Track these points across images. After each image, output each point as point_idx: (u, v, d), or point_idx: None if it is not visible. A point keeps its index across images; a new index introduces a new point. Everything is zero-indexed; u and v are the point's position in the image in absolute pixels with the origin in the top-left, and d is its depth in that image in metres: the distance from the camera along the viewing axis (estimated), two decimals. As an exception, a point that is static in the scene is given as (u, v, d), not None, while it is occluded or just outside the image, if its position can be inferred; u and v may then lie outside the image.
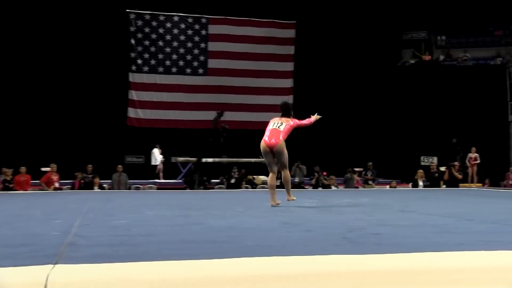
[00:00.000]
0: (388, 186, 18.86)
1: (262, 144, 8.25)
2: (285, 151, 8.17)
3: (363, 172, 19.05)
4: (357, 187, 18.47)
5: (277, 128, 8.27)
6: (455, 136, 22.46)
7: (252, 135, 23.05)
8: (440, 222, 5.99)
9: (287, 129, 8.28)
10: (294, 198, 8.47)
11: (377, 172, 19.40)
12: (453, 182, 17.16)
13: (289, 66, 23.74)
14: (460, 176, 17.42)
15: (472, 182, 18.67)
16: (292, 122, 8.38)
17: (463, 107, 23.87)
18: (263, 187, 18.25)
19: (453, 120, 23.83)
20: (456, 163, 18.12)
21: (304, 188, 18.11)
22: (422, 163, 21.96)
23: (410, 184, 17.51)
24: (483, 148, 20.93)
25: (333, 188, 17.50)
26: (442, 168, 18.47)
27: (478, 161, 18.56)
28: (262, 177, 19.98)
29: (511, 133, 24.11)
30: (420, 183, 16.74)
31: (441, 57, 27.73)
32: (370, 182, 18.78)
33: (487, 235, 4.91)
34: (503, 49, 28.03)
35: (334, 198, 10.82)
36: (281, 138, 8.16)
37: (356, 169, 20.91)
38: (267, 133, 8.30)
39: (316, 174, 18.46)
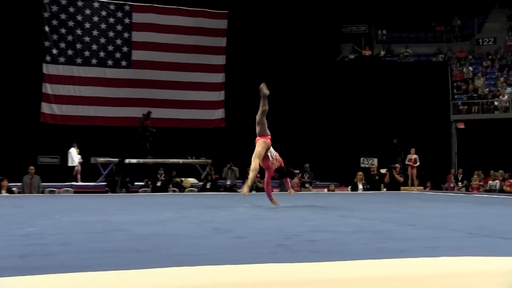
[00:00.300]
0: (326, 190, 19.11)
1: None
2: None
3: (300, 175, 19.20)
4: (297, 191, 18.64)
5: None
6: (396, 137, 23.07)
7: (181, 133, 23.15)
8: (381, 227, 6.11)
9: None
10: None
11: (314, 174, 19.75)
12: (394, 185, 17.48)
13: (220, 60, 23.75)
14: (401, 179, 17.76)
15: (412, 185, 19.18)
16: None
17: (405, 106, 24.50)
18: (191, 191, 18.16)
19: (394, 119, 24.41)
20: (397, 165, 18.56)
21: (237, 192, 18.19)
22: (362, 165, 22.43)
23: (349, 187, 17.79)
24: (425, 149, 21.53)
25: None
26: (383, 171, 18.83)
27: (418, 163, 19.09)
28: (191, 180, 19.96)
29: (453, 133, 25.00)
30: (360, 186, 17.00)
31: (382, 53, 28.51)
32: (307, 185, 19.11)
33: (430, 240, 5.02)
34: (444, 46, 29.16)
35: (269, 202, 10.84)
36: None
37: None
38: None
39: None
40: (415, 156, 19.10)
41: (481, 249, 4.53)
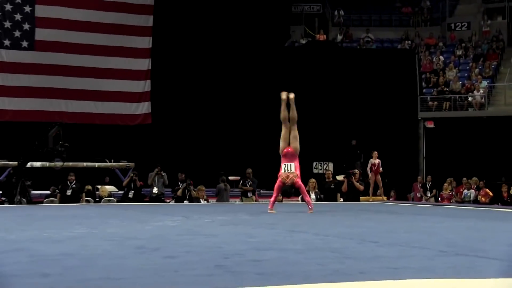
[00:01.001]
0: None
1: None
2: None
3: (241, 182, 19.34)
4: (235, 201, 18.72)
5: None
6: (355, 137, 23.38)
7: (96, 131, 22.64)
8: (338, 244, 6.18)
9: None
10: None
11: (258, 181, 19.81)
12: (353, 195, 17.70)
13: (146, 42, 23.61)
14: (361, 187, 17.94)
15: (374, 194, 19.47)
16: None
17: (365, 101, 24.81)
18: (110, 201, 17.94)
19: (352, 116, 24.57)
20: (356, 170, 18.76)
21: (165, 202, 18.04)
22: (315, 171, 22.60)
23: (300, 197, 17.83)
24: (388, 152, 21.92)
25: (203, 202, 17.62)
26: (339, 177, 19.03)
27: (381, 170, 19.31)
28: (109, 187, 19.78)
29: (421, 134, 25.54)
30: (312, 195, 17.13)
31: (339, 37, 28.79)
32: (249, 195, 19.05)
33: (394, 260, 5.10)
34: (411, 31, 29.65)
35: (204, 214, 10.83)
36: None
37: (231, 177, 21.13)
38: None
39: (181, 183, 18.46)
40: (378, 160, 19.29)
41: (453, 270, 4.58)
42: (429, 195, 21.82)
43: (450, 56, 28.16)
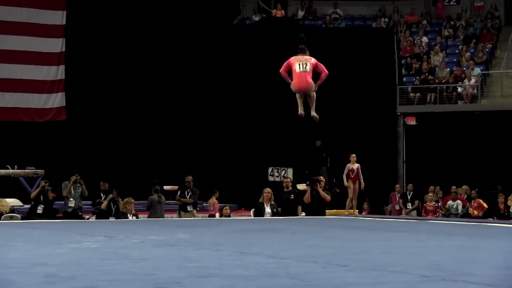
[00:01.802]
0: (217, 214, 19.31)
1: (293, 87, 13.23)
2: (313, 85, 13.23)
3: (179, 193, 19.42)
4: (171, 216, 18.69)
5: (304, 71, 12.94)
6: (320, 137, 23.44)
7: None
8: (298, 269, 6.21)
9: (311, 68, 12.95)
10: (317, 116, 13.82)
11: (200, 192, 19.85)
12: (317, 207, 17.66)
13: (58, 17, 23.38)
14: (328, 197, 17.83)
15: (351, 207, 19.38)
16: (313, 60, 13.07)
17: (332, 92, 24.32)
18: (12, 217, 17.49)
19: (317, 112, 24.52)
20: (321, 177, 18.75)
21: (83, 218, 17.96)
22: (271, 179, 22.69)
23: (252, 211, 18.05)
24: (361, 154, 21.45)
25: (131, 217, 17.53)
26: (301, 186, 19.17)
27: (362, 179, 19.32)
28: (12, 201, 19.37)
29: (401, 132, 25.86)
30: (267, 209, 17.27)
31: (300, 13, 28.87)
32: (189, 208, 19.09)
33: (368, 287, 5.16)
34: (389, 5, 29.68)
35: (133, 233, 10.81)
36: (309, 81, 13.06)
37: (167, 187, 21.18)
38: (294, 77, 13.04)
39: (104, 195, 18.37)
40: (357, 165, 19.24)
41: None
42: (410, 207, 22.01)
43: (435, 37, 28.42)
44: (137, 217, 17.78)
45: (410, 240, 9.89)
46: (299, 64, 12.98)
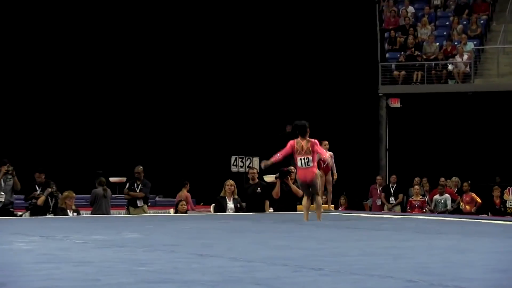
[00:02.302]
0: (172, 210, 19.31)
1: (298, 179, 14.61)
2: (319, 180, 14.49)
3: (128, 185, 19.43)
4: (119, 212, 18.92)
5: (307, 168, 13.97)
6: (291, 122, 23.13)
7: None
8: (266, 273, 6.24)
9: (314, 159, 14.03)
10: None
11: (152, 185, 19.87)
12: (287, 202, 17.81)
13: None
14: (300, 192, 17.29)
15: (326, 202, 19.19)
16: (316, 146, 14.04)
17: (306, 71, 24.87)
18: None
19: (287, 93, 24.69)
20: (292, 168, 18.63)
21: (14, 215, 17.77)
22: (234, 169, 22.80)
23: (212, 206, 18.14)
24: (338, 142, 21.64)
25: (71, 214, 17.45)
26: (269, 178, 19.20)
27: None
28: None
29: (383, 116, 25.83)
30: (230, 203, 17.36)
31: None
32: (139, 203, 19.05)
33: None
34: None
35: (74, 232, 10.72)
36: (315, 171, 14.14)
37: (113, 179, 21.24)
38: (298, 171, 14.23)
39: (39, 188, 18.16)
40: (329, 153, 18.34)
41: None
42: (393, 202, 22.02)
43: (423, 7, 28.44)
44: (78, 214, 17.66)
45: (393, 240, 9.93)
46: (301, 160, 13.96)
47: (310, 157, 13.88)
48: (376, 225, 12.85)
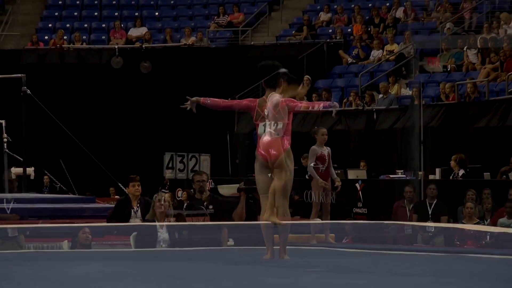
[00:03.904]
0: (65, 243, 17.65)
1: (256, 152, 12.39)
2: (288, 173, 12.30)
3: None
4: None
5: (268, 138, 12.12)
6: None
7: None
8: None
9: (283, 127, 12.12)
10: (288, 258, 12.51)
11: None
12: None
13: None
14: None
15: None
16: (289, 103, 12.20)
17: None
18: None
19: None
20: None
21: None
22: (169, 175, 23.39)
23: (132, 237, 16.40)
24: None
25: None
26: (227, 190, 19.28)
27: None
28: None
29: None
30: (162, 232, 16.14)
31: None
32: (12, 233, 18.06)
33: None
34: None
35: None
36: (284, 146, 12.14)
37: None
38: (258, 142, 12.25)
39: None
40: (327, 149, 18.10)
41: None
42: (432, 229, 19.19)
43: None
44: None
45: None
46: (263, 125, 12.28)
47: (281, 123, 12.10)
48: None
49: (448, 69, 28.15)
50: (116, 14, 37.64)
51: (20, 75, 22.45)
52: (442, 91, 26.01)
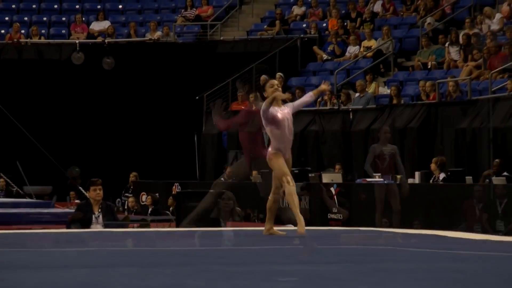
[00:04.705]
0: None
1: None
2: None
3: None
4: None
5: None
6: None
7: None
8: None
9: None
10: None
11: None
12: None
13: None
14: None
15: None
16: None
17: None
18: None
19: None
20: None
21: None
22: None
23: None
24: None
25: None
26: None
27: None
28: None
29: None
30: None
31: None
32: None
33: None
34: None
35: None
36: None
37: None
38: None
39: None
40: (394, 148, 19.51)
41: None
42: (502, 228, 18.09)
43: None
44: None
45: None
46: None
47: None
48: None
49: (429, 67, 27.23)
50: (77, 7, 36.22)
51: (-26, 71, 21.57)
52: (422, 89, 25.09)
